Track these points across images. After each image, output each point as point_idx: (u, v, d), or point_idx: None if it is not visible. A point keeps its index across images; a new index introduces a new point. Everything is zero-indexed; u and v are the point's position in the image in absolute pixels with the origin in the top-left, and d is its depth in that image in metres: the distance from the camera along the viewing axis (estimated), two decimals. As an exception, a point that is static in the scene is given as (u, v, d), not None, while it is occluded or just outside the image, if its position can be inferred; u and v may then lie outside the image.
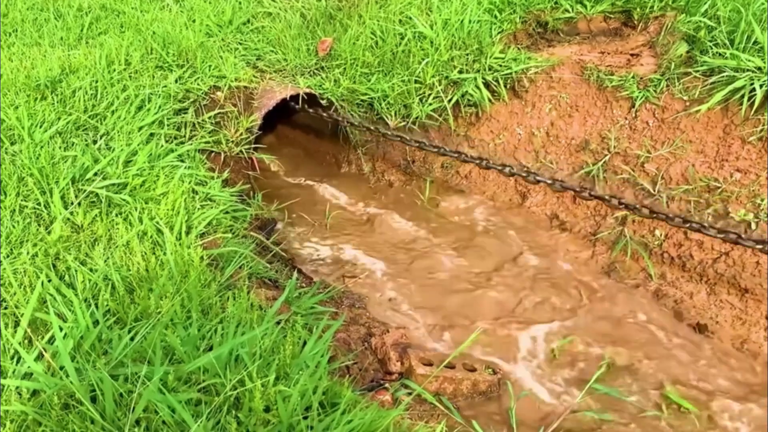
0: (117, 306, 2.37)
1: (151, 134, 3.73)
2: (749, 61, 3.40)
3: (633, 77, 3.90)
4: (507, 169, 3.98)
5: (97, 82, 3.99)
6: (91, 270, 2.57)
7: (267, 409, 1.99)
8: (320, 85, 4.60)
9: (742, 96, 3.41)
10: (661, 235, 3.64)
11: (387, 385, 2.80)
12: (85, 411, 1.89)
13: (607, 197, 3.63)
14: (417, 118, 4.45)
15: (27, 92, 3.84)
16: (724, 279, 3.40)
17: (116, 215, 2.96)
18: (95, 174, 3.17)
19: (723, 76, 3.49)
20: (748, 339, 3.25)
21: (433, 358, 3.04)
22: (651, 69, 3.92)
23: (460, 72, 4.33)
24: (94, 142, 3.53)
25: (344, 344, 2.98)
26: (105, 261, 2.63)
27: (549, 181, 3.85)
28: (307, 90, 4.53)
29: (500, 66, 4.28)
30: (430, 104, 4.42)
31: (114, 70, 4.17)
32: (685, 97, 3.68)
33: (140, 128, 3.73)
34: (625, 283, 3.68)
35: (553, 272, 3.82)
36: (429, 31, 4.41)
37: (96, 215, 2.92)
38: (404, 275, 3.87)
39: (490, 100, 4.34)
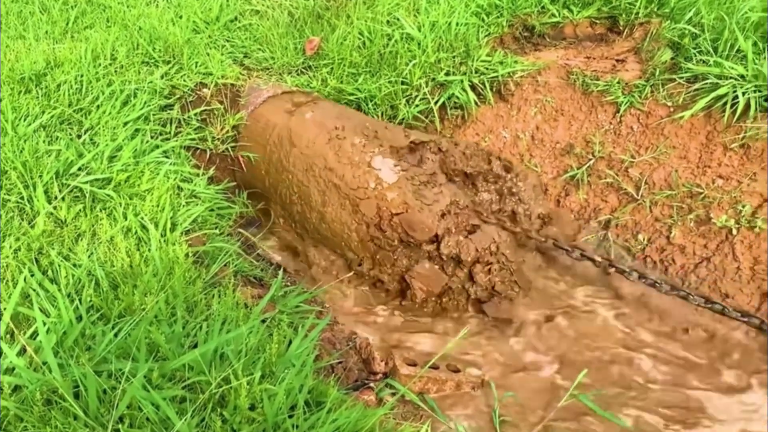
0: (101, 302, 2.36)
1: (137, 130, 3.71)
2: (732, 68, 3.45)
3: (618, 82, 3.94)
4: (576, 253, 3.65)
5: (82, 76, 3.95)
6: (74, 265, 2.56)
7: (252, 407, 1.99)
8: (308, 84, 4.59)
9: (725, 103, 3.46)
10: (644, 239, 3.68)
11: (371, 384, 2.80)
12: (68, 407, 1.88)
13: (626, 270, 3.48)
14: (403, 119, 4.45)
15: (11, 85, 3.80)
16: (705, 284, 3.44)
17: (100, 210, 2.94)
18: (79, 169, 3.14)
19: (706, 83, 3.54)
20: (728, 343, 3.30)
21: (417, 358, 3.05)
22: (636, 75, 3.96)
23: (447, 74, 4.34)
24: (79, 136, 3.50)
25: (329, 344, 2.99)
26: (89, 256, 2.61)
27: (627, 270, 3.48)
28: (295, 89, 4.52)
29: (487, 69, 4.30)
30: (417, 106, 4.42)
31: (99, 65, 4.14)
32: (669, 103, 3.72)
33: (125, 123, 3.70)
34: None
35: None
36: (416, 33, 4.42)
37: (80, 210, 2.90)
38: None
39: (476, 103, 4.35)
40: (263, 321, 2.52)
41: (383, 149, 3.66)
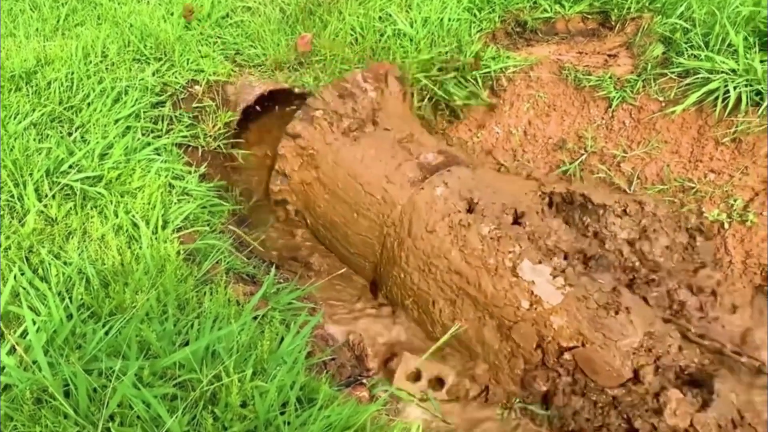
0: (91, 300, 2.35)
1: (128, 127, 3.69)
2: (723, 63, 3.46)
3: (610, 77, 3.94)
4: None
5: (73, 74, 3.93)
6: (65, 263, 2.54)
7: (244, 405, 1.98)
8: (300, 81, 4.58)
9: (717, 98, 3.46)
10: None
11: (364, 381, 2.80)
12: (59, 406, 1.87)
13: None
14: (396, 115, 4.45)
15: (1, 83, 3.77)
16: (697, 278, 3.45)
17: (91, 208, 2.93)
18: (70, 166, 3.12)
19: (698, 78, 3.55)
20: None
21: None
22: (628, 69, 3.96)
23: (440, 70, 4.33)
24: (70, 134, 3.48)
25: (322, 340, 2.98)
26: (79, 254, 2.59)
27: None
28: (286, 86, 4.50)
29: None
30: (410, 101, 4.42)
31: (90, 62, 4.11)
32: (661, 98, 3.73)
33: (116, 121, 3.68)
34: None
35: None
36: (409, 29, 4.41)
37: (70, 208, 2.89)
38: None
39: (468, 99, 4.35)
40: (255, 318, 2.51)
41: (526, 247, 2.70)
